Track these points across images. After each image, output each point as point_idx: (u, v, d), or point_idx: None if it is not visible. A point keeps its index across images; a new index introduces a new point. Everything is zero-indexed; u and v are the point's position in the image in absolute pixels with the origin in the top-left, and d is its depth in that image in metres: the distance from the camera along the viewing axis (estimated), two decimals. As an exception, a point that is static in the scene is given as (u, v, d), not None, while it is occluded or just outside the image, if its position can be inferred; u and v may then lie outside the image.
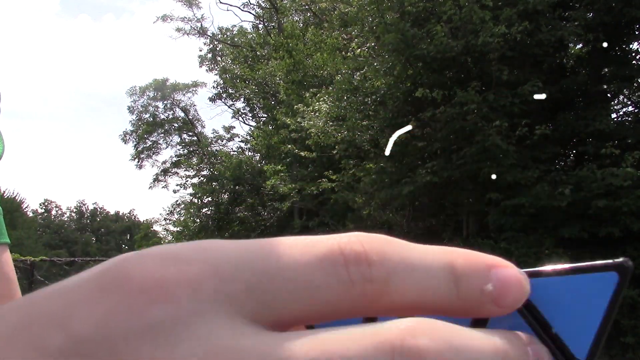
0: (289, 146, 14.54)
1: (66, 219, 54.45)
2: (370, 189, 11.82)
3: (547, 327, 0.20)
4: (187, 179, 24.23)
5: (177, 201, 24.86)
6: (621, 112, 11.51)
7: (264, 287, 0.17)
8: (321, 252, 0.18)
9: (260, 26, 25.49)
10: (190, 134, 28.28)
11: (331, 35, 15.58)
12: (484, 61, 9.93)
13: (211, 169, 23.32)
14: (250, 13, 26.85)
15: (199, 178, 23.81)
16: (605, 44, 9.77)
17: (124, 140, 28.75)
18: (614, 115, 11.11)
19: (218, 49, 26.95)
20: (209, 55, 27.16)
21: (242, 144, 26.33)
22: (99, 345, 0.15)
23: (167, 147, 28.53)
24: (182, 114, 28.59)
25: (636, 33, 10.56)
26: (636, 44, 11.15)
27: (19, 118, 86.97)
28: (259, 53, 23.59)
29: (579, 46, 11.04)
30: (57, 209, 54.28)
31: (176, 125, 28.50)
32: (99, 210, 55.36)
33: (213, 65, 27.05)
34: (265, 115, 23.48)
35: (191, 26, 25.95)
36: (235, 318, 0.16)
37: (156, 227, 30.08)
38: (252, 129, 24.75)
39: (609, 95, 11.18)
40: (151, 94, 28.58)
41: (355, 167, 12.22)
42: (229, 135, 26.91)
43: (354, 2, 11.99)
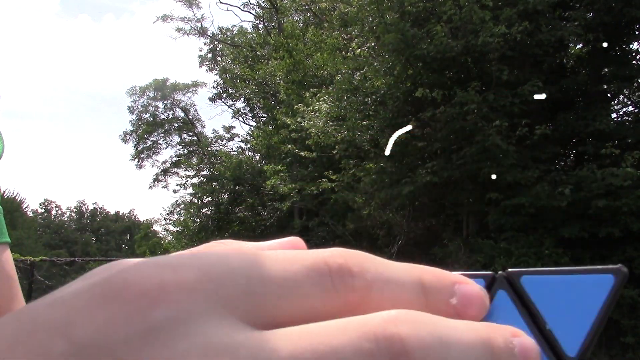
0: (289, 146, 14.53)
1: (66, 219, 54.42)
2: (370, 189, 11.82)
3: (542, 322, 0.21)
4: (187, 179, 24.21)
5: (177, 201, 24.87)
6: (621, 112, 11.52)
7: (256, 291, 0.18)
8: (308, 262, 0.19)
9: (260, 26, 25.49)
10: (190, 134, 28.27)
11: (331, 35, 15.58)
12: (484, 61, 9.93)
13: (211, 169, 23.29)
14: (250, 13, 26.87)
15: (199, 178, 23.78)
16: (605, 44, 9.78)
17: (124, 140, 28.77)
18: (614, 115, 11.12)
19: (218, 49, 26.94)
20: (209, 55, 27.16)
21: (242, 144, 26.36)
22: (100, 350, 0.16)
23: (167, 147, 28.53)
24: (182, 114, 28.58)
25: (636, 33, 10.57)
26: (636, 44, 11.16)
27: (19, 118, 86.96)
28: (259, 53, 23.58)
29: (579, 46, 11.04)
30: (57, 209, 54.29)
31: (176, 125, 28.49)
32: (99, 210, 55.34)
33: (213, 65, 27.06)
34: (265, 115, 23.47)
35: (191, 26, 25.96)
36: (229, 319, 0.17)
37: (156, 227, 30.12)
38: (252, 129, 24.74)
39: (609, 95, 11.19)
40: (151, 94, 28.58)
41: (355, 167, 12.22)
42: (229, 135, 26.92)
43: (354, 2, 11.99)
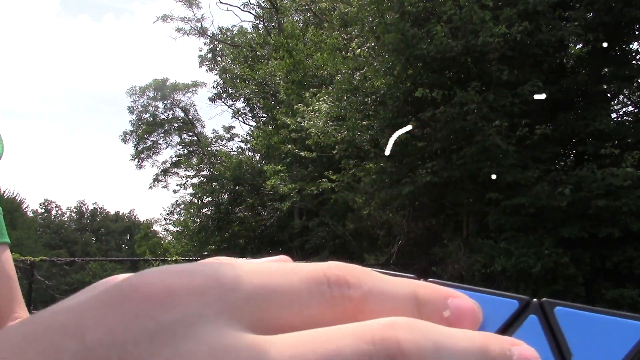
0: (289, 146, 14.53)
1: (66, 219, 54.34)
2: (370, 189, 11.82)
3: (568, 353, 0.21)
4: (187, 179, 24.19)
5: (177, 201, 24.91)
6: (621, 112, 11.53)
7: (260, 298, 0.19)
8: (308, 274, 0.20)
9: (260, 26, 25.48)
10: (190, 134, 28.26)
11: (331, 35, 15.57)
12: (484, 61, 9.93)
13: (211, 169, 23.28)
14: (250, 13, 26.83)
15: (199, 178, 23.76)
16: (605, 44, 9.78)
17: (124, 140, 28.74)
18: (614, 115, 11.12)
19: (218, 49, 26.93)
20: (209, 55, 27.15)
21: (242, 144, 26.36)
22: (110, 350, 0.17)
23: (167, 147, 28.52)
24: (182, 114, 28.57)
25: (636, 33, 10.57)
26: (636, 44, 11.17)
27: (19, 118, 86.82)
28: (259, 53, 23.57)
29: (579, 46, 11.04)
30: (57, 209, 54.20)
31: (176, 125, 28.48)
32: (99, 210, 55.26)
33: (213, 65, 27.05)
34: (265, 115, 23.46)
35: (191, 26, 25.94)
36: (234, 323, 0.18)
37: (156, 227, 30.16)
38: (252, 129, 24.74)
39: (609, 95, 11.19)
40: (151, 94, 28.55)
41: (355, 167, 12.22)
42: (229, 135, 26.91)
43: (354, 2, 11.99)
